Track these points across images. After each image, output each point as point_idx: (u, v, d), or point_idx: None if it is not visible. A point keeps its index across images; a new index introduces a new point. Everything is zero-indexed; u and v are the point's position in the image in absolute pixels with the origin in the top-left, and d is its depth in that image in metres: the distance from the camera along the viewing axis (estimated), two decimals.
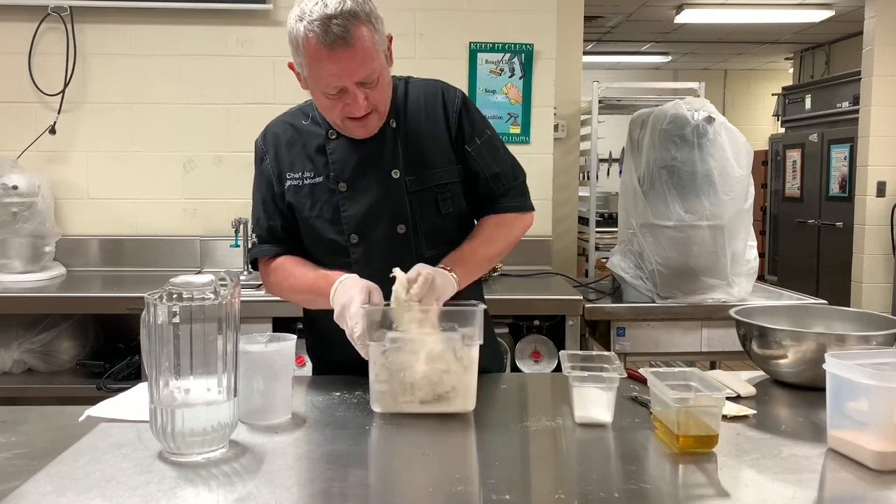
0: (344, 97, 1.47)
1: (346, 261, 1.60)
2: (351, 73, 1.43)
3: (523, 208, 1.72)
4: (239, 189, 3.27)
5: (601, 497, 1.06)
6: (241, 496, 1.06)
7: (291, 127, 1.65)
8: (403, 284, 1.39)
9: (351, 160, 1.59)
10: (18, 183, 2.98)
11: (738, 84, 9.52)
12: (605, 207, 5.18)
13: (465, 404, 1.38)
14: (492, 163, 1.67)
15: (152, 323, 1.17)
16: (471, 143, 1.64)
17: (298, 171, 1.61)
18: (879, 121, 4.74)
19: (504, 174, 1.69)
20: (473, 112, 1.67)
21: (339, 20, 1.38)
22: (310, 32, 1.40)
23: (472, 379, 1.38)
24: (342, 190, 1.59)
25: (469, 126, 1.64)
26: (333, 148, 1.60)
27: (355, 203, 1.59)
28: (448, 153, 1.63)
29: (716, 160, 2.62)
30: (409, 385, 1.37)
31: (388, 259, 1.58)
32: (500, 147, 1.71)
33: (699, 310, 2.71)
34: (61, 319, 2.87)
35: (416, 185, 1.60)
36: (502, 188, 1.69)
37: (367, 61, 1.44)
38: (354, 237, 1.60)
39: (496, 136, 1.71)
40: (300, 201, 1.61)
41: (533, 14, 3.31)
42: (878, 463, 1.14)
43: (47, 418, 1.44)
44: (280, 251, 1.66)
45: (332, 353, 1.65)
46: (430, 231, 1.62)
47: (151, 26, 3.25)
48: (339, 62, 1.41)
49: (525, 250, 3.28)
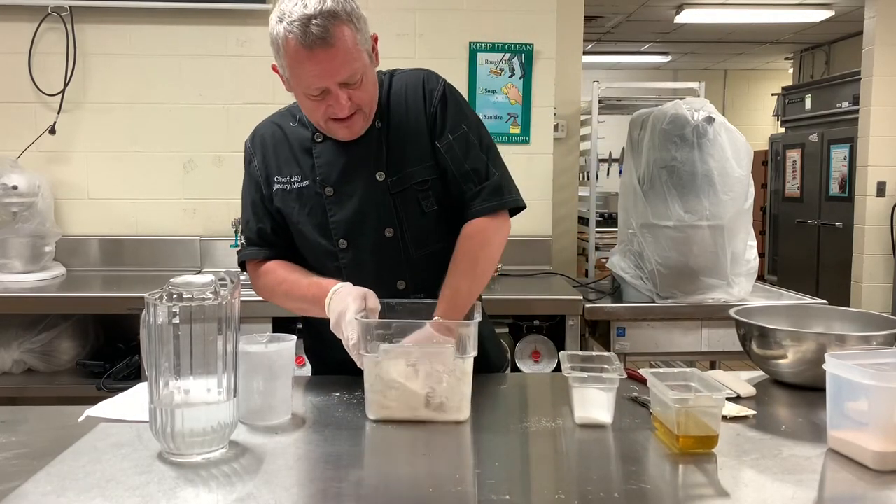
0: (327, 98, 1.45)
1: (337, 265, 1.58)
2: (332, 73, 1.41)
3: (496, 208, 1.57)
4: (239, 189, 3.26)
5: (601, 497, 1.06)
6: (241, 496, 1.06)
7: (279, 129, 1.63)
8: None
9: (337, 164, 1.56)
10: (18, 183, 2.98)
11: (738, 84, 9.52)
12: (605, 207, 5.19)
13: (459, 415, 1.37)
14: (462, 160, 1.56)
15: (152, 323, 1.17)
16: (441, 138, 1.57)
17: (286, 175, 1.59)
18: (879, 121, 4.73)
19: (475, 173, 1.57)
20: (452, 105, 1.58)
21: (318, 20, 1.36)
22: (289, 33, 1.38)
23: (465, 390, 1.37)
24: (329, 194, 1.57)
25: (442, 120, 1.57)
26: (319, 151, 1.58)
27: (342, 208, 1.56)
28: (426, 148, 1.57)
29: (716, 160, 2.62)
30: (402, 395, 1.36)
31: (378, 263, 1.58)
32: (476, 144, 1.59)
33: (699, 310, 2.71)
34: (61, 319, 2.87)
35: (398, 185, 1.56)
36: (472, 188, 1.57)
37: (348, 61, 1.41)
38: (343, 242, 1.58)
39: (477, 132, 1.60)
40: (288, 205, 1.59)
41: (533, 14, 3.31)
42: (878, 463, 1.14)
43: (47, 418, 1.44)
44: (269, 254, 1.63)
45: (331, 354, 1.64)
46: (416, 233, 1.58)
47: (151, 26, 3.25)
48: (319, 63, 1.39)
49: (525, 250, 3.29)
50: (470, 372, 1.37)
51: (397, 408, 1.37)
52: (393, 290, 1.57)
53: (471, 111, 1.64)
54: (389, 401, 1.37)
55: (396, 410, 1.37)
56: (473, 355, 1.37)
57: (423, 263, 1.58)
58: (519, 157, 3.25)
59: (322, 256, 1.60)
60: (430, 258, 1.59)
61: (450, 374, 1.36)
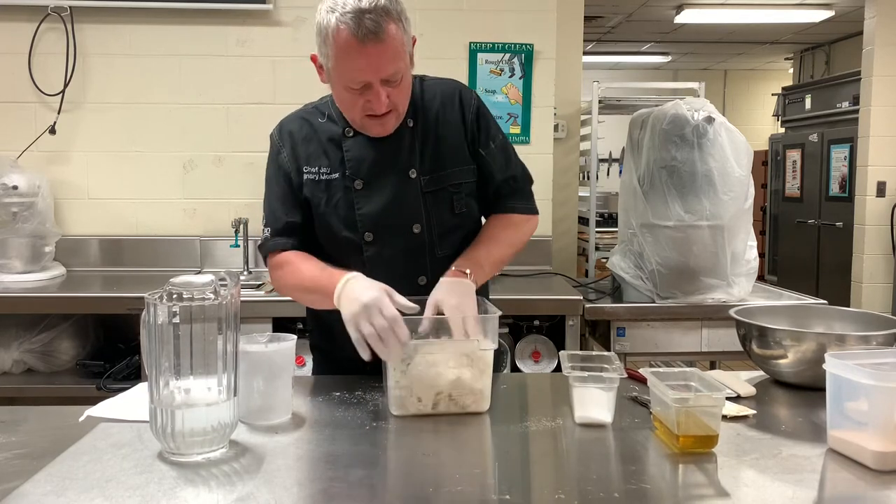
0: (366, 93, 1.47)
1: (360, 259, 1.59)
2: (379, 69, 1.44)
3: (529, 210, 1.76)
4: (239, 189, 3.28)
5: (601, 497, 1.06)
6: (241, 496, 1.06)
7: (307, 123, 1.65)
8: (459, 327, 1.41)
9: (367, 158, 1.59)
10: (18, 183, 2.98)
11: (738, 84, 9.52)
12: (605, 207, 5.19)
13: (480, 405, 1.41)
14: (505, 167, 1.70)
15: (152, 323, 1.17)
16: (485, 146, 1.67)
17: (315, 166, 1.61)
18: (879, 121, 4.73)
19: (516, 178, 1.73)
20: (488, 115, 1.71)
21: (372, 15, 1.39)
22: (342, 24, 1.39)
23: (487, 381, 1.41)
24: (358, 188, 1.59)
25: (485, 129, 1.67)
26: (350, 145, 1.60)
27: (370, 201, 1.59)
28: (463, 153, 1.65)
29: (716, 160, 2.62)
30: (428, 390, 1.38)
31: (402, 258, 1.60)
32: (512, 152, 1.74)
33: (699, 310, 2.71)
34: (61, 319, 2.87)
35: (432, 184, 1.61)
36: (510, 189, 1.72)
37: (395, 59, 1.44)
38: (369, 235, 1.60)
39: (507, 141, 1.75)
40: (316, 196, 1.61)
41: (533, 14, 3.31)
42: (878, 463, 1.14)
43: (47, 418, 1.44)
44: (296, 244, 1.63)
45: (338, 351, 1.64)
46: (443, 231, 1.63)
47: (151, 26, 3.25)
48: (368, 57, 1.41)
49: (525, 250, 3.22)
50: (490, 364, 1.41)
51: (422, 403, 1.38)
52: (414, 285, 1.59)
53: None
54: (414, 396, 1.38)
55: (421, 406, 1.38)
56: (494, 347, 1.41)
57: (447, 262, 1.60)
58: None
59: (346, 248, 1.61)
60: (454, 258, 1.61)
61: (472, 367, 1.38)
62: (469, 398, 1.39)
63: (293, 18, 3.25)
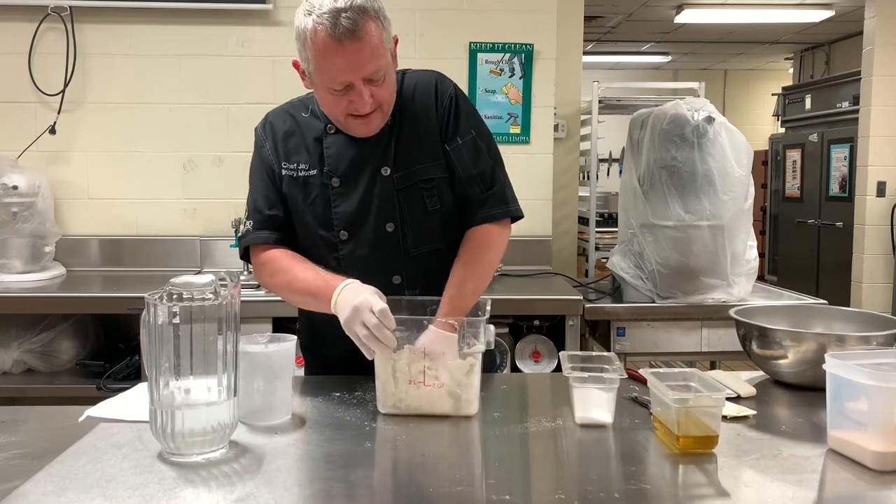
0: (349, 94, 1.46)
1: (335, 256, 1.59)
2: (359, 67, 1.43)
3: (501, 216, 1.63)
4: (239, 189, 3.24)
5: (601, 497, 1.06)
6: (241, 496, 1.06)
7: (291, 117, 1.64)
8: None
9: (346, 156, 1.58)
10: (18, 183, 2.98)
11: (738, 84, 9.52)
12: (605, 207, 5.18)
13: (469, 408, 1.40)
14: (470, 166, 1.61)
15: (152, 323, 1.17)
16: (451, 141, 1.60)
17: (294, 163, 1.61)
18: (879, 121, 4.73)
19: (481, 178, 1.61)
20: (462, 109, 1.63)
21: (348, 13, 1.38)
22: (318, 25, 1.39)
23: (475, 384, 1.40)
24: (335, 185, 1.58)
25: (454, 123, 1.61)
26: (330, 143, 1.59)
27: (347, 199, 1.58)
28: (435, 148, 1.60)
29: (716, 160, 2.62)
30: (415, 390, 1.38)
31: (376, 257, 1.59)
32: (483, 150, 1.63)
33: (699, 310, 2.71)
34: (61, 319, 2.87)
35: (404, 181, 1.58)
36: (479, 194, 1.61)
37: (374, 57, 1.43)
38: (344, 234, 1.59)
39: (484, 139, 1.65)
40: (294, 193, 1.61)
41: (533, 14, 3.31)
42: (878, 463, 1.14)
43: (47, 418, 1.44)
44: (278, 238, 1.62)
45: (328, 351, 1.64)
46: (417, 229, 1.61)
47: (151, 26, 3.25)
48: (347, 55, 1.41)
49: (525, 250, 3.28)
50: (479, 366, 1.40)
51: (409, 402, 1.39)
52: (388, 284, 1.58)
53: (479, 118, 1.68)
54: (402, 395, 1.39)
55: (408, 405, 1.39)
56: (482, 350, 1.40)
57: (421, 260, 1.59)
58: (519, 157, 3.26)
59: (321, 246, 1.61)
60: (427, 256, 1.60)
61: (460, 370, 1.38)
62: (456, 400, 1.39)
63: (293, 18, 3.25)
